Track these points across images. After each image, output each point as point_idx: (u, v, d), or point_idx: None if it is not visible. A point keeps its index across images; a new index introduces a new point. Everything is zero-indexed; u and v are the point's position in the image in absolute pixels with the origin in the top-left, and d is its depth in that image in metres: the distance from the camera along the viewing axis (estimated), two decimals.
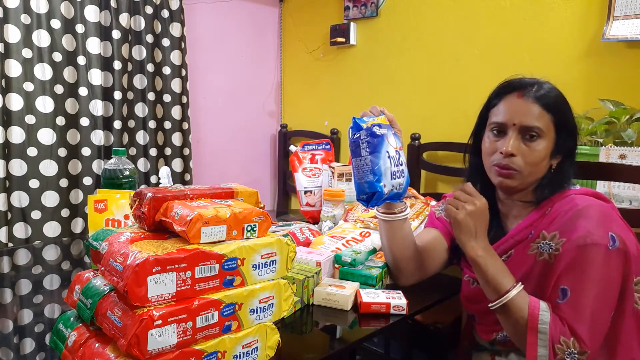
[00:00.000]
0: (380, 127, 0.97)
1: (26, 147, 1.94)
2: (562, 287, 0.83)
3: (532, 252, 0.90)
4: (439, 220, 1.13)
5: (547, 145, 0.92)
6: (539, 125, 0.90)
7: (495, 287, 0.87)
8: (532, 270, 0.89)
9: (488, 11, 2.03)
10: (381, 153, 0.95)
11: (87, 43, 2.06)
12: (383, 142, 0.96)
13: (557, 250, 0.86)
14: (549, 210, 0.92)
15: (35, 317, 0.97)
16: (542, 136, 0.91)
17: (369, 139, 0.95)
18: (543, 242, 0.88)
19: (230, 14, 2.68)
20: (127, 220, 1.13)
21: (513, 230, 0.96)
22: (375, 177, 0.94)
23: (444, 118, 2.21)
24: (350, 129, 0.97)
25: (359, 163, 0.95)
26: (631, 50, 1.68)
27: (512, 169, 0.92)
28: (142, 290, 0.60)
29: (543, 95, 0.91)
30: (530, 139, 0.91)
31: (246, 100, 2.84)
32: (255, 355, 0.74)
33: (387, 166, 0.95)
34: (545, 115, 0.91)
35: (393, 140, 1.00)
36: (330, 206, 1.50)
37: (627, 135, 1.56)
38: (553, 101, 0.92)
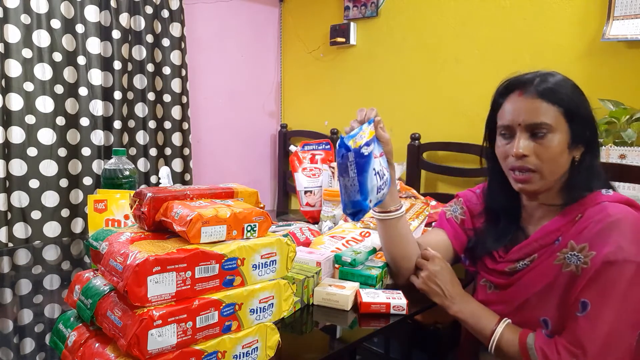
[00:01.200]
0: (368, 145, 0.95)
1: (26, 147, 1.94)
2: (583, 300, 0.80)
3: (558, 262, 0.85)
4: (448, 221, 1.10)
5: (561, 139, 0.87)
6: (546, 121, 0.86)
7: (481, 333, 0.91)
8: (556, 281, 0.85)
9: (488, 11, 2.03)
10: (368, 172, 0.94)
11: (87, 43, 2.06)
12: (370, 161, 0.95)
13: (586, 263, 0.81)
14: (579, 216, 0.86)
15: (35, 317, 0.97)
16: (553, 131, 0.86)
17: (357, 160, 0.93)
18: (571, 253, 0.84)
19: (230, 14, 2.68)
20: (127, 220, 1.13)
21: (537, 233, 0.91)
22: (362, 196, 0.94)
23: (444, 118, 2.21)
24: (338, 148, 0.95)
25: (347, 183, 0.95)
26: (631, 50, 1.68)
27: (529, 170, 0.88)
28: (142, 290, 0.60)
29: (545, 89, 0.87)
30: (541, 136, 0.87)
31: (246, 100, 2.84)
32: (255, 355, 0.73)
33: (374, 184, 0.95)
34: (551, 108, 0.86)
35: (377, 150, 0.99)
36: (330, 206, 1.49)
37: (627, 135, 1.56)
38: (557, 91, 0.87)
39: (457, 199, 1.13)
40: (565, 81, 0.89)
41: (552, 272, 0.86)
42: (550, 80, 0.88)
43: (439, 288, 0.96)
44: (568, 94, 0.87)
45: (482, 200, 1.06)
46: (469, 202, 1.10)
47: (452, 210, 1.11)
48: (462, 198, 1.12)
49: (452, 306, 0.95)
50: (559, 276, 0.84)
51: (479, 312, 0.93)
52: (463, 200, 1.11)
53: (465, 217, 1.08)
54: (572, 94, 0.88)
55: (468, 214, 1.08)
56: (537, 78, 0.89)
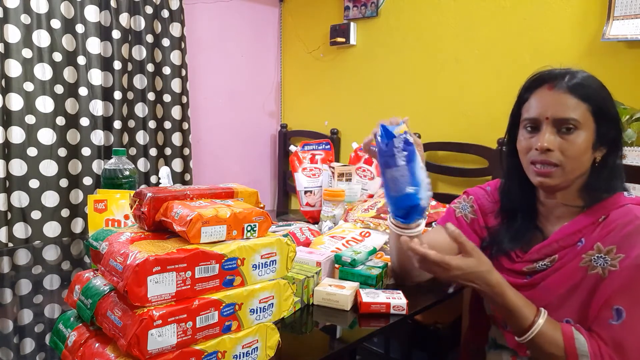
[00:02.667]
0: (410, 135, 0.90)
1: (26, 147, 1.94)
2: (616, 307, 0.78)
3: (584, 264, 0.83)
4: (458, 220, 1.06)
5: (587, 137, 0.85)
6: (575, 117, 0.84)
7: (519, 318, 0.82)
8: (581, 284, 0.83)
9: (488, 11, 2.03)
10: (416, 162, 0.87)
11: (87, 43, 2.06)
12: (415, 151, 0.89)
13: (614, 266, 0.79)
14: (602, 218, 0.85)
15: (35, 317, 0.97)
16: (580, 127, 0.84)
17: (404, 147, 0.86)
18: (597, 256, 0.82)
19: (230, 14, 2.68)
20: (127, 220, 1.13)
21: (557, 234, 0.89)
22: (415, 188, 0.86)
23: (444, 118, 2.21)
24: (381, 136, 0.88)
25: (395, 174, 0.87)
26: (631, 50, 1.68)
27: (551, 164, 0.85)
28: (142, 290, 0.60)
29: (576, 84, 0.85)
30: (567, 132, 0.84)
31: (246, 100, 2.84)
32: (255, 355, 0.74)
33: (423, 178, 0.88)
34: (581, 105, 0.84)
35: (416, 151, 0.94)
36: (330, 206, 1.50)
37: (627, 135, 1.56)
38: (588, 89, 0.85)
39: (466, 196, 1.08)
40: (594, 79, 0.88)
41: (577, 274, 0.84)
42: (580, 77, 0.86)
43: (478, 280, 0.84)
44: (598, 92, 0.86)
45: (494, 198, 1.03)
46: (480, 199, 1.06)
47: (462, 208, 1.07)
48: (472, 196, 1.07)
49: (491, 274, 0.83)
50: (584, 279, 0.83)
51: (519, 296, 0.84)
52: (474, 198, 1.07)
53: (476, 215, 1.05)
54: (601, 92, 0.87)
55: (479, 212, 1.05)
56: (567, 74, 0.87)
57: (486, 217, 1.04)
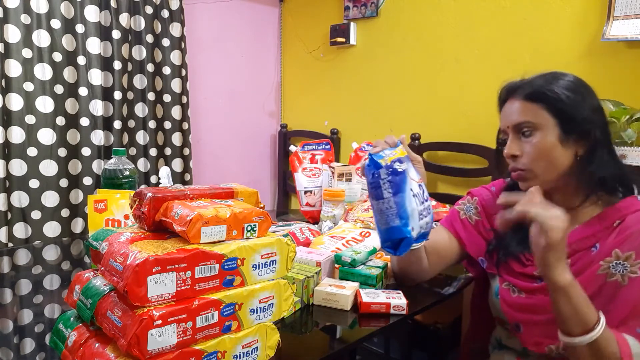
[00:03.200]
0: (401, 162, 0.86)
1: (26, 147, 1.94)
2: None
3: (602, 272, 0.82)
4: (462, 222, 1.05)
5: (548, 134, 0.86)
6: (527, 119, 0.87)
7: (581, 318, 0.75)
8: (600, 292, 0.82)
9: (488, 11, 2.03)
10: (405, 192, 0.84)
11: (87, 43, 2.06)
12: (406, 179, 0.85)
13: (634, 272, 0.79)
14: (617, 223, 0.84)
15: (35, 317, 0.97)
16: (538, 128, 0.86)
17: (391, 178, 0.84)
18: (616, 262, 0.81)
19: (230, 14, 2.68)
20: (127, 220, 1.13)
21: (569, 237, 0.84)
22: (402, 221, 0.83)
23: (444, 118, 2.21)
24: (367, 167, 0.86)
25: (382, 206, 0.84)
26: (631, 50, 1.68)
27: (520, 169, 0.88)
28: (142, 290, 0.60)
29: (528, 90, 0.88)
30: (527, 136, 0.87)
31: (246, 100, 2.84)
32: (255, 355, 0.74)
33: (414, 207, 0.85)
34: (531, 106, 0.87)
35: (414, 174, 0.91)
36: (330, 206, 1.50)
37: (627, 135, 1.56)
38: (540, 90, 0.87)
39: (470, 197, 1.07)
40: (557, 78, 0.88)
41: (596, 282, 0.82)
42: (536, 82, 0.89)
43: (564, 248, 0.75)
44: (554, 90, 0.86)
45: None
46: (484, 200, 1.04)
47: (466, 209, 1.06)
48: (476, 197, 1.06)
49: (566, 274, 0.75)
50: (603, 286, 0.81)
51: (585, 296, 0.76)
52: (478, 199, 1.05)
53: (481, 217, 1.04)
54: (562, 89, 0.86)
55: (483, 214, 1.04)
56: (524, 84, 0.90)
57: (491, 218, 1.02)
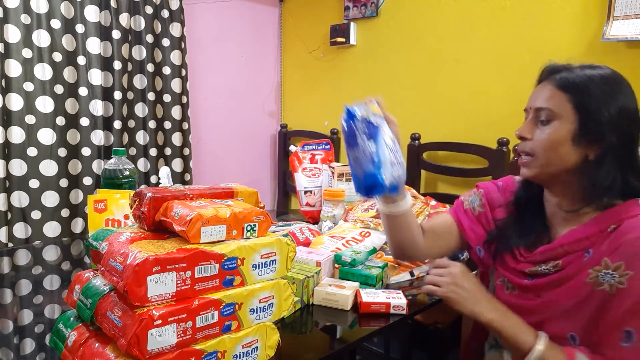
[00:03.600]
0: (375, 115, 0.90)
1: (26, 147, 1.94)
2: (627, 330, 0.75)
3: (590, 280, 0.79)
4: (465, 212, 1.05)
5: (564, 128, 0.82)
6: (549, 106, 0.83)
7: (517, 346, 0.82)
8: (587, 300, 0.80)
9: (488, 11, 2.03)
10: (379, 142, 0.87)
11: (87, 43, 2.06)
12: (379, 130, 0.89)
13: (622, 283, 0.75)
14: (612, 228, 0.80)
15: (36, 317, 0.97)
16: (557, 118, 0.82)
17: (366, 128, 0.88)
18: (605, 272, 0.78)
19: (230, 14, 2.68)
20: (127, 220, 1.13)
21: (564, 238, 0.85)
22: (375, 166, 0.86)
23: (444, 118, 2.21)
24: (344, 119, 0.89)
25: (356, 154, 0.88)
26: (631, 50, 1.68)
27: (525, 152, 0.86)
28: (142, 290, 0.60)
29: (563, 76, 0.83)
30: (545, 123, 0.84)
31: (246, 100, 2.84)
32: (255, 355, 0.74)
33: (387, 157, 0.88)
34: (560, 95, 0.82)
35: (388, 130, 0.93)
36: (330, 206, 1.50)
37: None
38: (576, 81, 0.82)
39: (477, 190, 1.07)
40: (596, 73, 0.83)
41: (584, 290, 0.80)
42: (576, 71, 0.84)
43: (466, 292, 0.87)
44: (588, 86, 0.81)
45: (504, 194, 1.02)
46: (489, 194, 1.04)
47: (471, 201, 1.06)
48: (482, 189, 1.07)
49: (485, 314, 0.85)
50: (591, 295, 0.79)
51: (515, 323, 0.85)
52: (483, 191, 1.06)
53: (484, 209, 1.04)
54: (596, 87, 0.81)
55: (487, 207, 1.04)
56: (565, 70, 0.85)
57: (494, 210, 1.02)
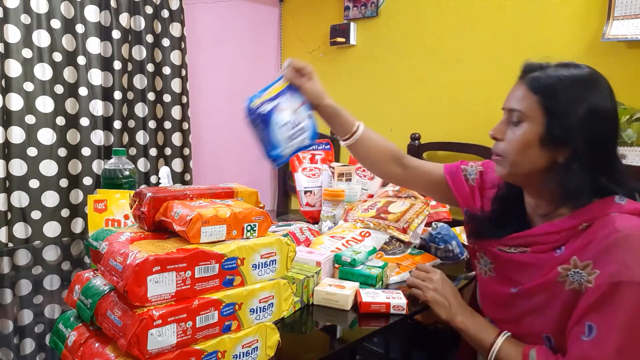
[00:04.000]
0: (272, 100, 1.02)
1: (26, 147, 1.94)
2: (589, 324, 0.76)
3: (561, 279, 0.80)
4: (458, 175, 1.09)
5: (532, 131, 0.82)
6: (519, 108, 0.83)
7: (481, 345, 0.90)
8: (559, 299, 0.81)
9: (488, 11, 2.03)
10: (271, 127, 1.02)
11: (87, 43, 2.06)
12: (271, 116, 1.02)
13: (590, 282, 0.76)
14: (584, 225, 0.80)
15: (35, 318, 0.97)
16: (526, 120, 0.82)
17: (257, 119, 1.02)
18: (574, 271, 0.78)
19: (230, 14, 2.68)
20: (127, 220, 1.13)
21: (538, 229, 0.86)
22: (270, 148, 1.02)
23: (444, 118, 2.21)
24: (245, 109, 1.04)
25: (256, 137, 1.04)
26: (631, 50, 1.68)
27: (497, 154, 0.88)
28: (142, 290, 0.60)
29: (535, 77, 0.83)
30: (515, 124, 0.84)
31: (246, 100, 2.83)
32: (255, 355, 0.73)
33: (283, 136, 1.02)
34: (530, 97, 0.82)
35: (290, 102, 1.05)
36: (330, 206, 1.50)
37: (627, 135, 1.56)
38: (546, 82, 0.81)
39: (478, 165, 1.09)
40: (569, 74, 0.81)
41: (555, 289, 0.82)
42: (549, 71, 0.83)
43: (444, 299, 0.98)
44: (557, 88, 0.80)
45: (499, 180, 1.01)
46: (487, 175, 1.06)
47: (469, 171, 1.09)
48: (482, 168, 1.08)
49: (456, 317, 0.95)
50: (562, 294, 0.80)
51: (480, 325, 0.93)
52: (483, 169, 1.08)
53: (475, 184, 1.07)
54: (565, 89, 0.80)
55: (478, 183, 1.07)
56: (539, 69, 0.85)
57: (483, 192, 1.06)
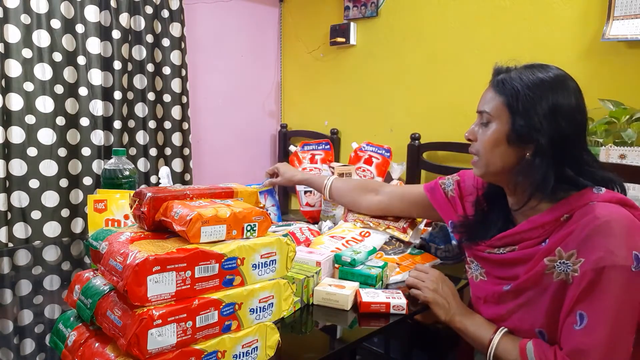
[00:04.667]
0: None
1: (26, 147, 1.94)
2: (579, 312, 0.77)
3: (549, 271, 0.82)
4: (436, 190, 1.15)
5: (499, 130, 0.87)
6: (487, 109, 0.89)
7: (480, 343, 0.91)
8: (548, 291, 0.83)
9: (488, 11, 2.03)
10: None
11: (87, 43, 2.06)
12: None
13: (575, 271, 0.78)
14: (565, 217, 0.83)
15: (36, 318, 0.97)
16: (494, 120, 0.88)
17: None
18: (560, 262, 0.80)
19: (230, 14, 2.68)
20: (127, 220, 1.13)
21: (522, 226, 0.89)
22: None
23: (444, 118, 2.21)
24: None
25: None
26: (631, 50, 1.68)
27: (473, 153, 0.94)
28: (141, 289, 0.60)
29: (500, 79, 0.89)
30: (485, 124, 0.90)
31: (246, 100, 2.84)
32: (255, 354, 0.73)
33: None
34: (496, 98, 0.88)
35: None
36: (330, 206, 1.50)
37: (627, 135, 1.56)
38: (509, 83, 0.86)
39: (455, 176, 1.16)
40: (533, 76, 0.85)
41: (543, 281, 0.83)
42: (513, 74, 0.88)
43: (443, 299, 0.98)
44: (518, 88, 0.85)
45: (478, 184, 1.07)
46: (465, 182, 1.12)
47: (446, 184, 1.15)
48: (459, 177, 1.14)
49: (455, 318, 0.96)
50: (550, 285, 0.82)
51: (478, 323, 0.94)
52: (460, 179, 1.14)
53: (454, 194, 1.12)
54: (526, 89, 0.84)
55: (457, 193, 1.12)
56: (506, 71, 0.90)
57: (463, 199, 1.11)
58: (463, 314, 0.97)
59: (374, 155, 1.74)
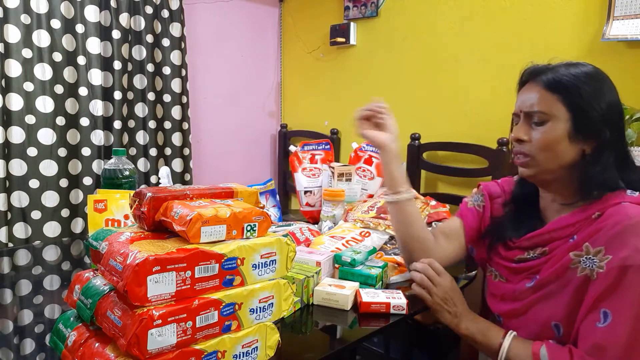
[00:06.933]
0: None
1: (26, 147, 1.94)
2: (603, 310, 0.77)
3: (574, 266, 0.83)
4: (469, 210, 1.10)
5: (559, 128, 0.86)
6: (540, 109, 0.87)
7: (489, 347, 0.90)
8: (571, 285, 0.83)
9: (488, 11, 2.03)
10: None
11: (87, 43, 2.06)
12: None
13: (601, 267, 0.78)
14: (596, 214, 0.83)
15: (35, 318, 0.97)
16: (550, 119, 0.86)
17: None
18: (586, 257, 0.81)
19: (230, 14, 2.68)
20: (127, 220, 1.13)
21: (552, 224, 0.89)
22: None
23: (444, 118, 2.21)
24: None
25: None
26: (631, 50, 1.68)
27: (524, 154, 0.90)
28: (141, 289, 0.60)
29: (550, 77, 0.87)
30: (538, 124, 0.88)
31: (246, 100, 2.83)
32: (255, 355, 0.74)
33: None
34: (550, 97, 0.86)
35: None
36: (330, 206, 1.50)
37: (627, 135, 1.56)
38: (562, 81, 0.86)
39: (478, 189, 1.13)
40: (580, 71, 0.87)
41: (568, 276, 0.83)
42: (560, 71, 0.87)
43: (451, 307, 0.97)
44: (576, 84, 0.85)
45: (503, 189, 1.08)
46: (489, 189, 1.10)
47: (474, 200, 1.11)
48: (482, 186, 1.12)
49: (461, 324, 0.95)
50: (573, 280, 0.82)
51: (485, 328, 0.93)
52: (483, 187, 1.12)
53: (486, 203, 1.09)
54: (584, 84, 0.85)
55: (488, 200, 1.08)
56: (548, 70, 0.89)
57: (493, 202, 1.08)
58: (468, 319, 0.96)
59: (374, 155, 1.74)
